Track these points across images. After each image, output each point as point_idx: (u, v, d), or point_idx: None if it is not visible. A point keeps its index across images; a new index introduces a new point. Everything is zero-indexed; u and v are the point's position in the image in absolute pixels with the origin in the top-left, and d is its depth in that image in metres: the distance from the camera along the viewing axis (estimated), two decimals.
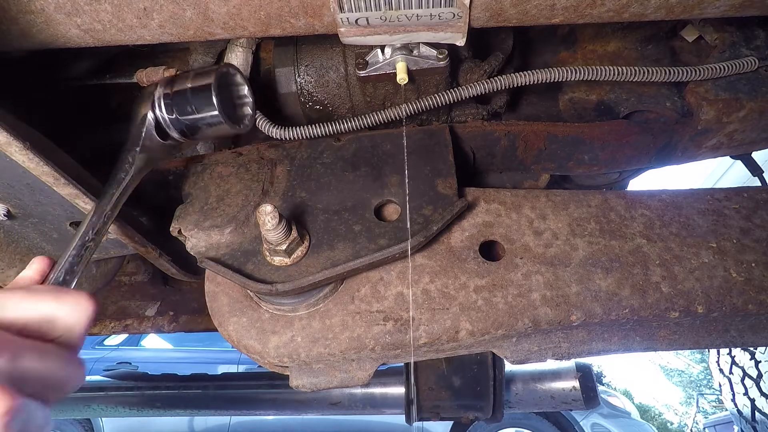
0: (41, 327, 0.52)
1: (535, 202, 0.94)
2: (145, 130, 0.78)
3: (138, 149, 0.77)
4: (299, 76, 0.96)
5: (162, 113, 0.79)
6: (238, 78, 0.85)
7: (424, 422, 3.74)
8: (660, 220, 0.93)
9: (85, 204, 0.81)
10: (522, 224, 0.91)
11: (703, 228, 0.92)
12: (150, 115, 0.79)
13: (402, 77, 0.84)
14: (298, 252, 0.80)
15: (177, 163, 1.01)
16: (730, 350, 3.43)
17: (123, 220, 0.89)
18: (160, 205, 1.04)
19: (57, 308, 0.53)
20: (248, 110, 0.88)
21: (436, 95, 0.90)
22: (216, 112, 0.78)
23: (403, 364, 2.10)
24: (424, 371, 1.99)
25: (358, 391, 2.44)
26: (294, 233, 0.78)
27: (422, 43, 0.85)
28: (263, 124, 0.91)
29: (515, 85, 0.90)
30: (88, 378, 2.92)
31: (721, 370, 3.55)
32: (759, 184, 1.24)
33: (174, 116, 0.78)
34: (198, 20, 0.73)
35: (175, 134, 0.80)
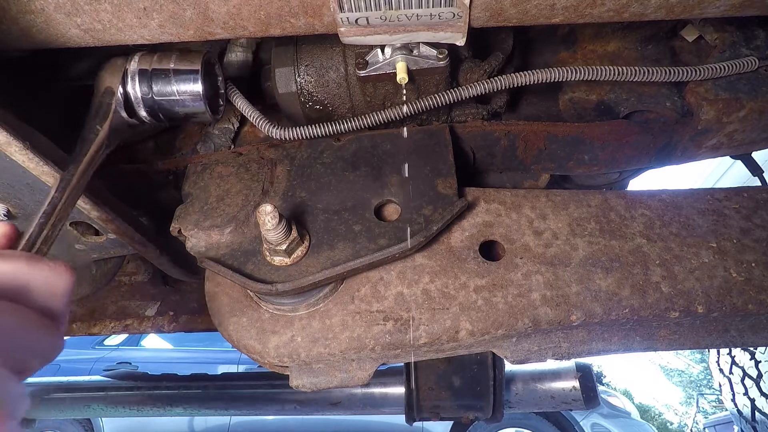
0: (14, 294, 0.47)
1: (535, 202, 0.94)
2: (114, 103, 0.73)
3: (106, 123, 0.73)
4: (299, 76, 0.96)
5: (134, 89, 0.75)
6: (216, 68, 0.85)
7: (424, 422, 3.74)
8: (660, 220, 0.93)
9: (84, 203, 0.81)
10: (522, 224, 0.91)
11: (703, 228, 0.92)
12: (119, 89, 0.75)
13: (402, 77, 0.84)
14: (298, 252, 0.80)
15: (177, 163, 1.01)
16: (730, 350, 3.42)
17: (123, 220, 0.89)
18: (160, 205, 1.04)
19: (30, 274, 0.48)
20: (221, 101, 0.88)
21: (436, 95, 0.90)
22: (200, 98, 0.76)
23: (403, 364, 2.10)
24: (424, 371, 1.98)
25: (358, 391, 2.44)
26: (294, 233, 0.78)
27: (422, 42, 0.85)
28: (263, 124, 0.91)
29: (515, 85, 0.90)
30: (87, 378, 2.93)
31: (721, 370, 3.55)
32: (759, 184, 1.24)
33: (149, 95, 0.75)
34: (198, 20, 0.73)
35: (143, 112, 0.77)
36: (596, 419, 4.56)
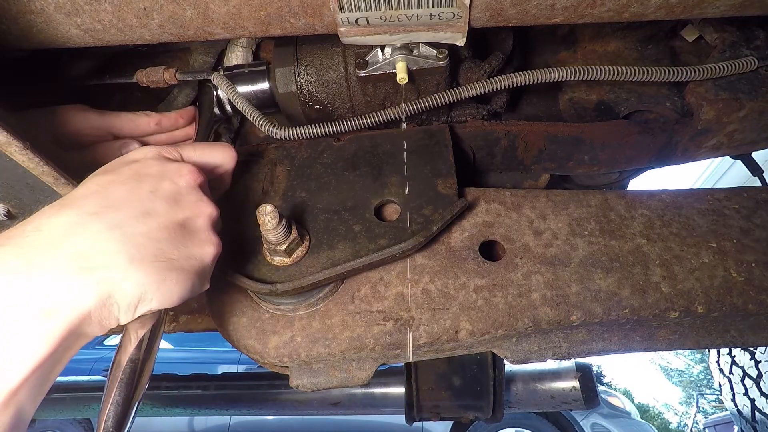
0: (210, 170, 0.76)
1: (535, 202, 0.94)
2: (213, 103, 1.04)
3: (205, 116, 1.03)
4: (299, 75, 0.96)
5: (223, 93, 1.01)
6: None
7: (424, 422, 3.74)
8: (660, 220, 0.93)
9: None
10: (522, 224, 0.91)
11: (703, 228, 0.92)
12: (214, 94, 1.02)
13: (402, 77, 0.84)
14: (298, 252, 0.80)
15: None
16: (730, 350, 3.42)
17: None
18: None
19: (222, 157, 0.78)
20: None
21: (436, 95, 0.90)
22: (269, 93, 1.00)
23: (403, 364, 2.10)
24: (424, 371, 1.98)
25: (358, 391, 2.44)
26: (294, 233, 0.78)
27: (422, 43, 0.85)
28: (263, 124, 0.91)
29: (515, 85, 0.90)
30: (88, 378, 2.93)
31: (721, 370, 3.54)
32: (759, 184, 1.24)
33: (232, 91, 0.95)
34: (198, 20, 0.74)
35: (228, 108, 1.04)
36: (596, 419, 4.57)
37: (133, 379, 0.60)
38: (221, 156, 0.78)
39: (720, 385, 3.61)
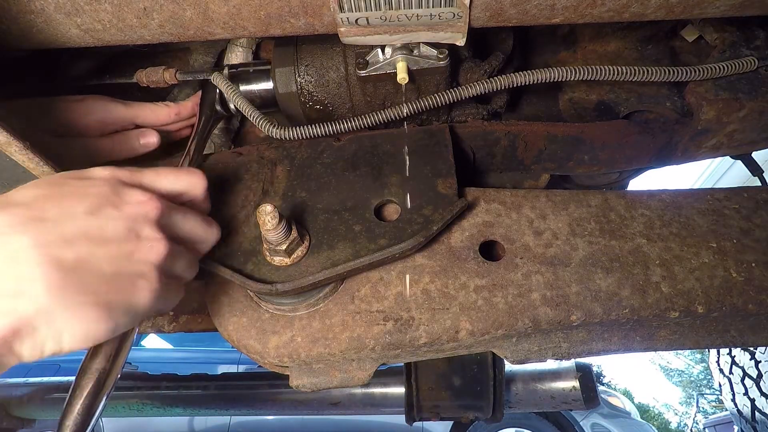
0: (175, 197, 0.69)
1: (535, 202, 0.94)
2: (215, 100, 1.02)
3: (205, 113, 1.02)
4: (299, 75, 0.96)
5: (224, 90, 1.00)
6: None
7: (424, 422, 3.74)
8: (660, 220, 0.93)
9: None
10: (522, 224, 0.91)
11: (703, 228, 0.92)
12: (217, 90, 1.01)
13: (402, 77, 0.84)
14: (298, 252, 0.80)
15: (177, 162, 1.01)
16: (730, 350, 3.42)
17: None
18: None
19: (189, 184, 0.70)
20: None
21: (436, 95, 0.90)
22: (272, 93, 0.99)
23: (403, 364, 2.10)
24: (424, 371, 1.98)
25: (358, 391, 2.44)
26: (294, 233, 0.78)
27: (422, 43, 0.85)
28: (263, 124, 0.91)
29: (515, 85, 0.90)
30: None
31: (721, 370, 3.55)
32: (759, 184, 1.24)
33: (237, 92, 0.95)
34: (198, 20, 0.74)
35: (232, 106, 1.03)
36: (596, 419, 4.57)
37: (98, 388, 0.59)
38: (186, 183, 0.70)
39: (720, 385, 3.61)
